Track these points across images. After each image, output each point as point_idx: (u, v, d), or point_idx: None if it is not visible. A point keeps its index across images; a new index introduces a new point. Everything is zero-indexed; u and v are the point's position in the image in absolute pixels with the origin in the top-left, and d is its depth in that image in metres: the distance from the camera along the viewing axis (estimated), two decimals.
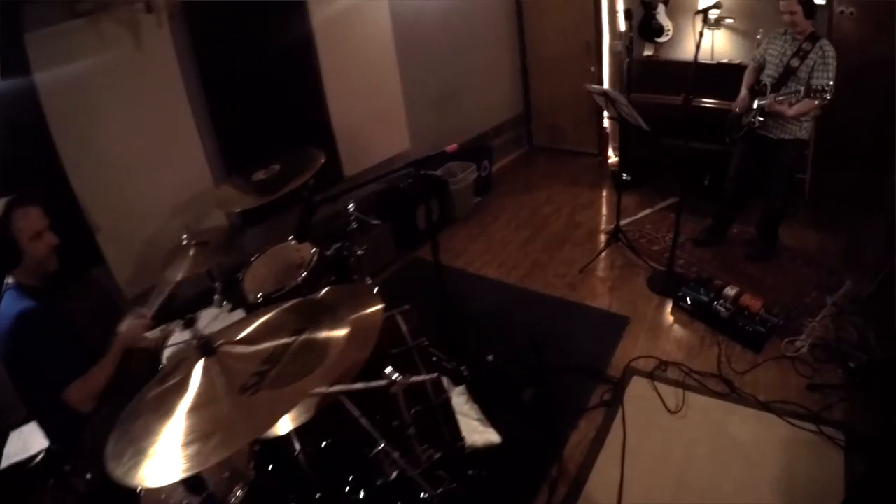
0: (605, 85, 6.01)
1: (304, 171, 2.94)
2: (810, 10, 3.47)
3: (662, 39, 5.57)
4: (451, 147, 2.74)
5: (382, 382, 1.76)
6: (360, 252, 3.09)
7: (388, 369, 1.83)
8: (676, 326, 3.58)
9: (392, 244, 4.55)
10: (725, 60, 5.25)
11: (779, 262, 4.15)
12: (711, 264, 4.19)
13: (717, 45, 5.50)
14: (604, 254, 4.36)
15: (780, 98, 3.54)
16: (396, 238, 4.57)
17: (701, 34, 3.37)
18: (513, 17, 6.22)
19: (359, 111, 4.42)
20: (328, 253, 3.12)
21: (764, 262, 4.15)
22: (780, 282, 3.93)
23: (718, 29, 5.49)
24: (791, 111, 3.53)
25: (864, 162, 5.19)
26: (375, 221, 2.98)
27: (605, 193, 5.46)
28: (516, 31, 6.29)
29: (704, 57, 5.50)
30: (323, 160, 3.01)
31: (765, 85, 3.71)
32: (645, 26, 5.59)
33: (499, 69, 6.15)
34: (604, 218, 5.04)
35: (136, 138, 3.18)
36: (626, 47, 5.04)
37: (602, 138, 6.13)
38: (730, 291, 3.54)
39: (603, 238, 4.52)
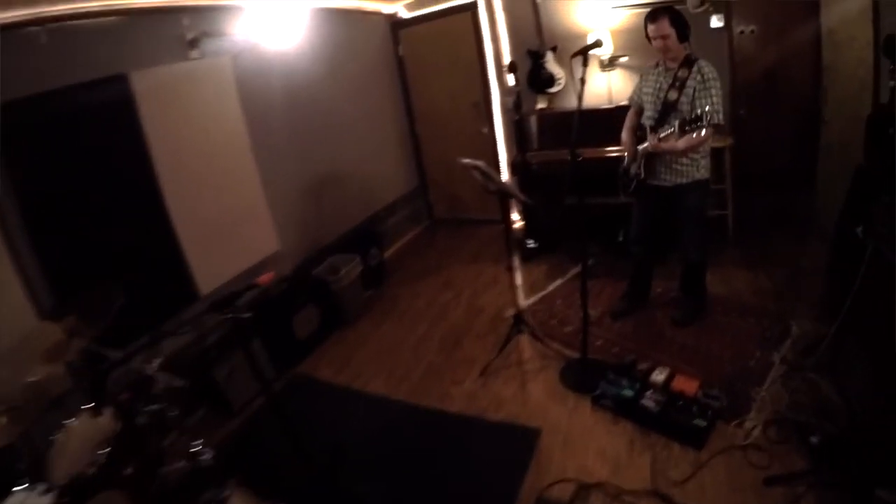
0: (501, 145, 5.54)
1: (98, 322, 2.35)
2: (683, 32, 3.06)
3: (554, 89, 5.15)
4: (264, 278, 2.21)
5: None
6: (173, 414, 2.39)
7: None
8: (598, 431, 2.88)
9: (268, 362, 3.80)
10: (625, 102, 4.82)
11: (713, 320, 3.60)
12: (635, 339, 3.56)
13: (615, 87, 5.12)
14: (508, 346, 3.64)
15: (664, 135, 3.07)
16: (272, 355, 3.82)
17: (582, 80, 2.84)
18: (396, 85, 5.76)
19: (209, 213, 3.74)
20: (140, 420, 2.42)
21: (695, 324, 3.57)
22: (717, 344, 3.36)
23: (613, 69, 5.11)
24: (681, 144, 3.03)
25: (787, 184, 4.88)
26: (180, 383, 2.35)
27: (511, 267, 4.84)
28: (401, 99, 5.82)
29: (601, 101, 5.10)
30: (119, 304, 2.38)
31: (645, 128, 3.26)
32: (534, 78, 5.16)
33: (386, 142, 5.63)
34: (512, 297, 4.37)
35: None
36: (514, 103, 4.58)
37: (505, 203, 5.59)
38: (658, 376, 2.96)
39: (508, 324, 3.85)
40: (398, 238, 5.62)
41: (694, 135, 2.90)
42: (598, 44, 3.06)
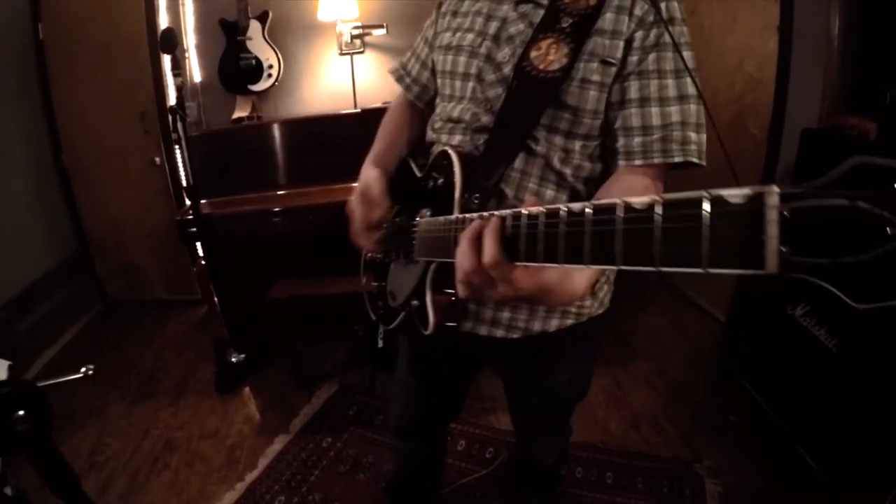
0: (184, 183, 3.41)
1: None
2: None
3: (262, 85, 3.17)
4: None
5: None
6: None
7: None
8: None
9: None
10: (379, 105, 3.02)
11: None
12: None
13: (364, 79, 3.32)
14: None
15: (530, 211, 0.61)
16: None
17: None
18: (33, 88, 3.44)
19: None
20: None
21: None
22: None
23: (361, 52, 3.29)
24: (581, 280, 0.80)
25: None
26: None
27: (204, 403, 2.68)
28: (41, 112, 3.50)
29: (341, 103, 3.31)
30: None
31: (442, 164, 0.98)
32: (229, 66, 3.16)
33: (13, 184, 3.22)
34: (215, 473, 2.27)
35: None
36: (173, 109, 2.51)
37: (203, 275, 3.51)
38: None
39: None
40: (46, 346, 3.23)
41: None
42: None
